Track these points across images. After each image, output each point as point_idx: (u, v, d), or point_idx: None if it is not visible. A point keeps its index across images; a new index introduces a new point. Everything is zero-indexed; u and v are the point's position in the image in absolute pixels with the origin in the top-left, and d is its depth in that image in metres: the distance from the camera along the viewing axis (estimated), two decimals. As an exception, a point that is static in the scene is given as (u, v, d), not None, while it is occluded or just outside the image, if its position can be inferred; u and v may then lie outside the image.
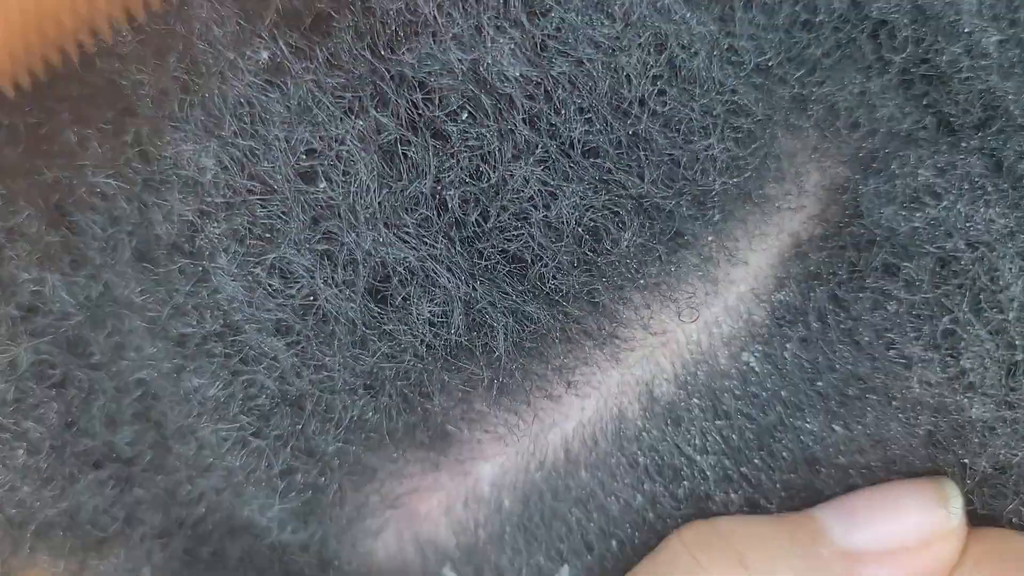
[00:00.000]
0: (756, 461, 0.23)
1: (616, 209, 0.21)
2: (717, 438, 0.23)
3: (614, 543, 0.24)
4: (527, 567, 0.24)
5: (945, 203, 0.21)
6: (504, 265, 0.21)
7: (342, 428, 0.22)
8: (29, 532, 0.24)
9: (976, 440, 0.22)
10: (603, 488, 0.23)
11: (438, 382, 0.22)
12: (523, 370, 0.22)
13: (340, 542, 0.24)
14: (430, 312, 0.21)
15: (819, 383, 0.22)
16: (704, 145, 0.20)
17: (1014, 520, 0.23)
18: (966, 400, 0.21)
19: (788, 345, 0.22)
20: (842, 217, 0.22)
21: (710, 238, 0.22)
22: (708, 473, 0.23)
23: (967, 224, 0.21)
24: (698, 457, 0.23)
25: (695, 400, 0.23)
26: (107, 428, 0.23)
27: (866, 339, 0.22)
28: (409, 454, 0.23)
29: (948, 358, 0.21)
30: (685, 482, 0.23)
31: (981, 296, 0.21)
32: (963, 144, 0.21)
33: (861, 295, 0.22)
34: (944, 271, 0.21)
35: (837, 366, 0.22)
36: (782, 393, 0.22)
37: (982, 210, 0.21)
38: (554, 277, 0.21)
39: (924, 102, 0.22)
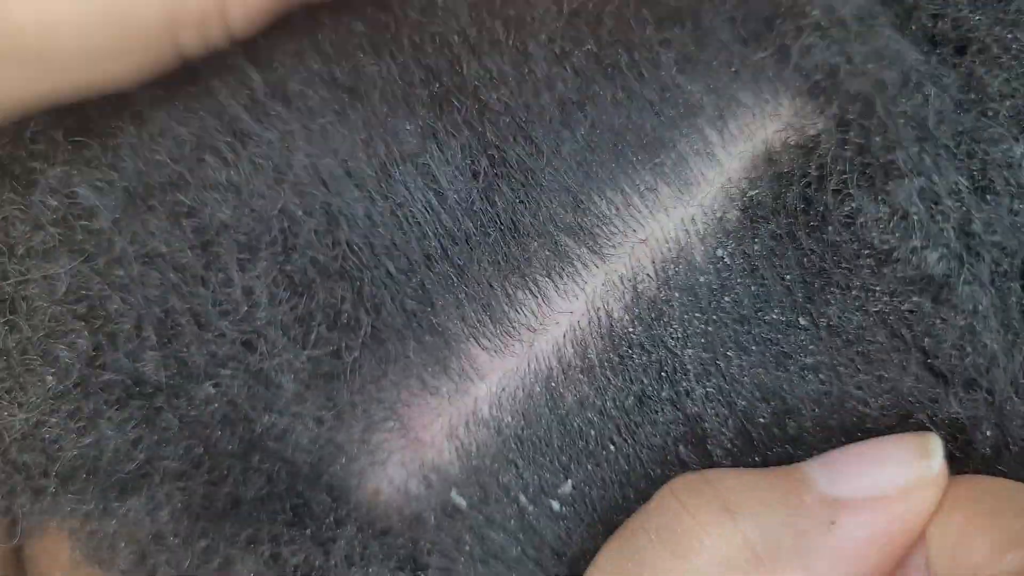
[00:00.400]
0: (730, 354, 0.24)
1: (599, 104, 0.23)
2: (696, 331, 0.24)
3: (612, 448, 0.24)
4: (531, 482, 0.25)
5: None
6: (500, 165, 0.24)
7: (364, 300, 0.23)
8: (52, 476, 0.24)
9: (928, 321, 0.23)
10: (597, 392, 0.24)
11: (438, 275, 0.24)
12: (513, 266, 0.24)
13: (349, 477, 0.25)
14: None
15: (786, 277, 0.24)
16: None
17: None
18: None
19: (757, 241, 0.24)
20: (814, 123, 0.24)
21: (687, 138, 0.24)
22: (689, 367, 0.24)
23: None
24: (679, 350, 0.24)
25: (675, 294, 0.24)
26: (130, 356, 0.24)
27: (832, 233, 0.23)
28: (410, 372, 0.24)
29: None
30: (667, 377, 0.24)
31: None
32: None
33: (826, 192, 0.24)
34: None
35: (804, 260, 0.24)
36: (752, 287, 0.24)
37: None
38: (543, 170, 0.24)
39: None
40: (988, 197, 0.23)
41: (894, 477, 0.23)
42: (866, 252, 0.23)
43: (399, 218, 0.24)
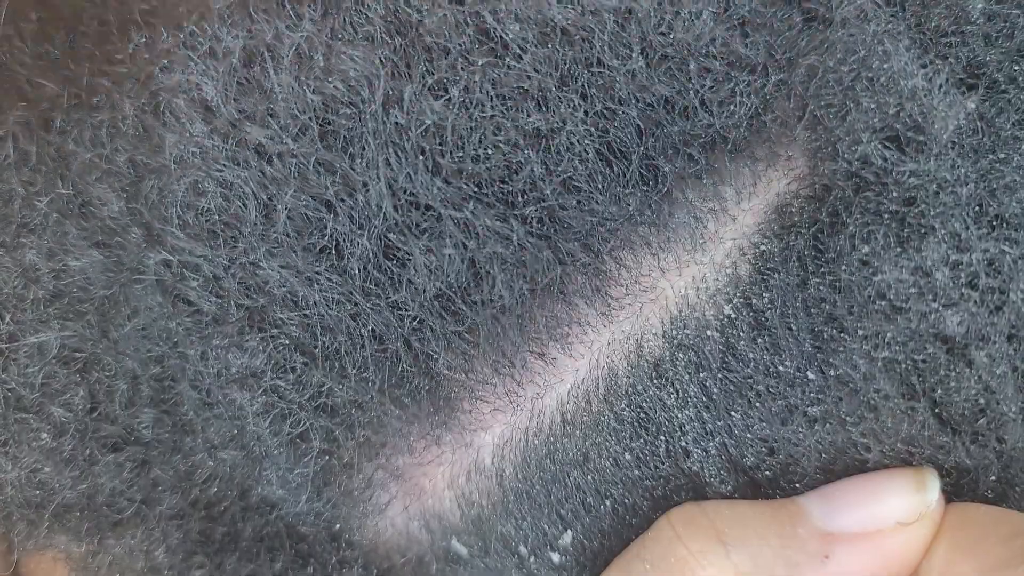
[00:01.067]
0: (734, 413, 0.24)
1: (612, 168, 0.22)
2: (698, 390, 0.24)
3: (608, 503, 0.25)
4: (531, 534, 0.25)
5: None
6: (503, 220, 0.22)
7: (353, 381, 0.23)
8: (47, 513, 0.24)
9: (942, 373, 0.23)
10: (596, 448, 0.24)
11: (440, 328, 0.23)
12: (519, 328, 0.23)
13: (349, 518, 0.25)
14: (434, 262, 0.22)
15: (793, 326, 0.23)
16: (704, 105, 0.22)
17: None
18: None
19: (767, 292, 0.23)
20: (824, 173, 0.23)
21: (701, 197, 0.23)
22: (687, 427, 0.24)
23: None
24: (677, 411, 0.24)
25: (680, 354, 0.24)
26: (127, 412, 0.24)
27: (845, 276, 0.23)
28: (413, 428, 0.24)
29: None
30: (664, 437, 0.24)
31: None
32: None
33: (840, 237, 0.23)
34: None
35: (813, 308, 0.23)
36: (759, 340, 0.24)
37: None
38: (553, 231, 0.23)
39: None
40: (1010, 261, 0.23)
41: (890, 511, 0.23)
42: (880, 299, 0.23)
43: (400, 281, 0.23)
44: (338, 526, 0.25)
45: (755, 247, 0.23)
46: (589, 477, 0.24)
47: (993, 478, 0.24)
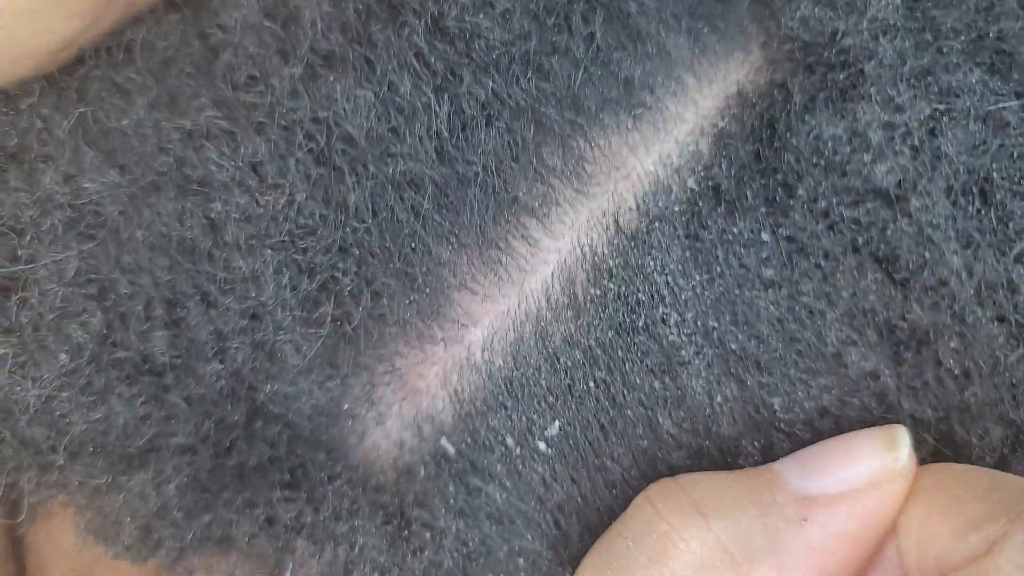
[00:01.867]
0: (701, 277, 0.26)
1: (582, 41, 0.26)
2: (671, 258, 0.25)
3: (593, 385, 0.26)
4: (519, 424, 0.26)
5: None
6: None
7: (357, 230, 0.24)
8: (60, 451, 0.25)
9: (882, 226, 0.25)
10: (580, 328, 0.26)
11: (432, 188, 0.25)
12: (501, 203, 0.25)
13: (350, 433, 0.25)
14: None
15: (748, 193, 0.26)
16: None
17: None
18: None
19: (724, 163, 0.26)
20: (774, 59, 0.27)
21: (663, 82, 0.26)
22: (664, 293, 0.25)
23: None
24: (656, 277, 0.25)
25: (655, 224, 0.26)
26: (141, 335, 0.25)
27: (792, 143, 0.25)
28: (407, 324, 0.25)
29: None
30: (643, 305, 0.26)
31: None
32: None
33: (788, 108, 0.26)
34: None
35: (765, 178, 0.26)
36: (718, 207, 0.26)
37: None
38: (530, 113, 0.25)
39: None
40: (945, 120, 0.25)
41: (863, 471, 0.24)
42: (824, 164, 0.25)
43: (387, 167, 0.25)
44: (337, 438, 0.25)
45: (714, 127, 0.26)
46: (575, 360, 0.25)
47: (953, 345, 0.25)
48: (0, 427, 0.25)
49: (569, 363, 0.25)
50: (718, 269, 0.25)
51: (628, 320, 0.25)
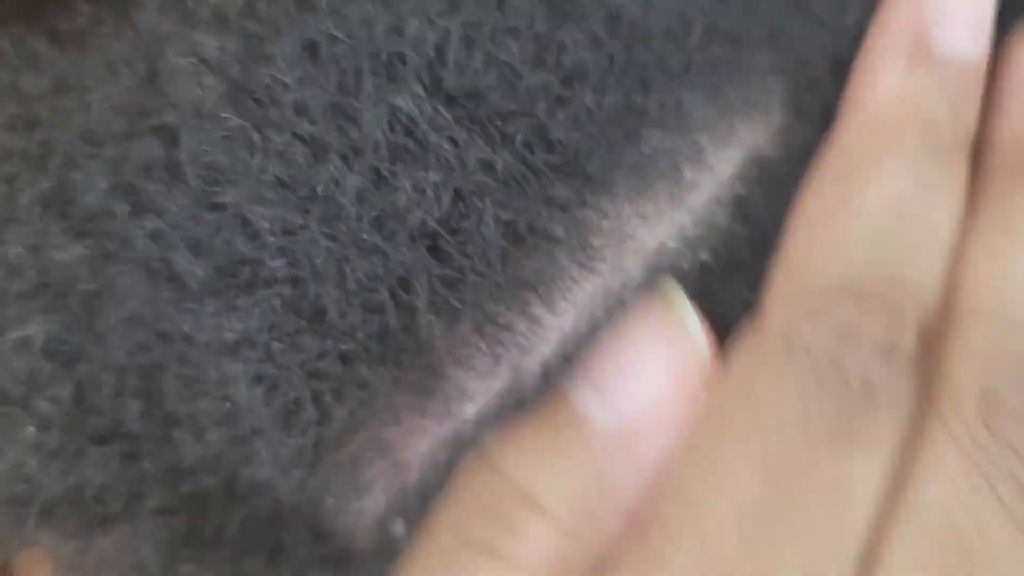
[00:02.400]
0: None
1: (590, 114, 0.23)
2: None
3: None
4: None
5: None
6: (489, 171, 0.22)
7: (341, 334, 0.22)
8: (34, 510, 0.24)
9: None
10: None
11: (426, 283, 0.22)
12: (501, 282, 0.23)
13: (334, 503, 0.24)
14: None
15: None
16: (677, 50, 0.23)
17: None
18: None
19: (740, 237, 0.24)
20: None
21: (679, 144, 0.23)
22: None
23: None
24: None
25: None
26: (114, 403, 0.23)
27: None
28: (398, 398, 0.24)
29: None
30: None
31: None
32: None
33: None
34: None
35: None
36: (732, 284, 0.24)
37: None
38: (538, 181, 0.23)
39: None
40: None
41: (665, 376, 0.22)
42: None
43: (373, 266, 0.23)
44: (322, 513, 0.24)
45: (732, 193, 0.24)
46: None
47: None
48: None
49: None
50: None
51: None
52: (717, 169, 0.24)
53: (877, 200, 0.21)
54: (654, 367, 0.22)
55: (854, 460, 0.20)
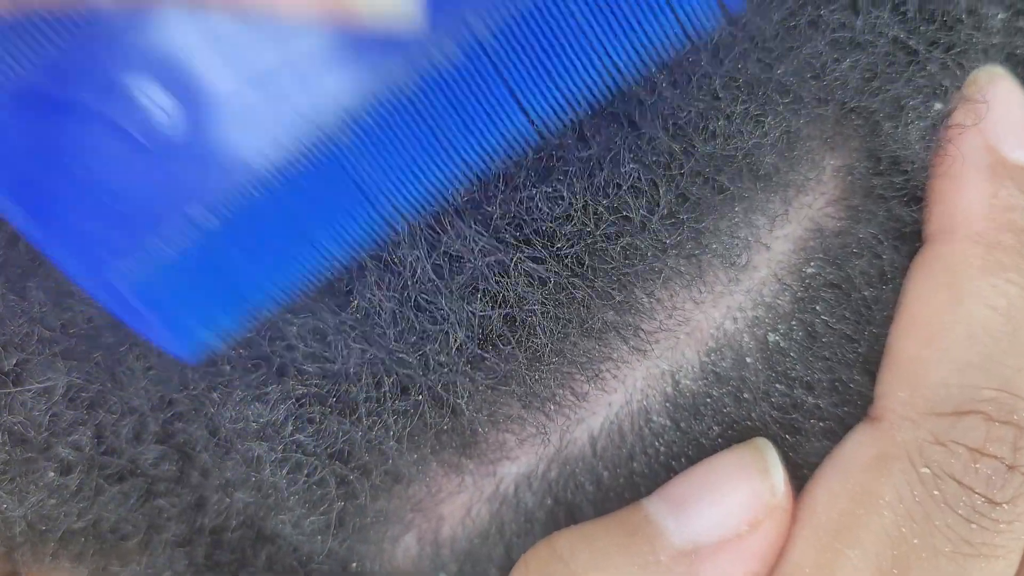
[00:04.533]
0: (784, 435, 0.24)
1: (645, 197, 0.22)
2: (735, 426, 0.24)
3: None
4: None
5: None
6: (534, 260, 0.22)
7: (376, 431, 0.22)
8: (52, 540, 0.25)
9: None
10: (620, 482, 0.24)
11: (468, 381, 0.22)
12: (551, 367, 0.23)
13: (364, 549, 0.25)
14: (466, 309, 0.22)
15: (860, 344, 0.24)
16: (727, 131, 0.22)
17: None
18: None
19: (818, 316, 0.23)
20: (856, 192, 0.24)
21: (732, 227, 0.23)
22: None
23: None
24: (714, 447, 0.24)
25: (717, 389, 0.24)
26: (132, 446, 0.24)
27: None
28: (436, 459, 0.24)
29: None
30: None
31: None
32: None
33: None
34: None
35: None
36: (817, 364, 0.23)
37: None
38: (585, 265, 0.22)
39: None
40: None
41: (741, 507, 0.23)
42: None
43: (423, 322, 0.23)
44: (354, 564, 0.25)
45: (793, 274, 0.23)
46: (606, 509, 0.24)
47: None
48: None
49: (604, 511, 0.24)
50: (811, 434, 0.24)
51: None
52: (773, 247, 0.23)
53: (991, 315, 0.22)
54: (734, 499, 0.22)
55: (976, 570, 0.22)
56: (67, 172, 0.20)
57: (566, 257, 0.22)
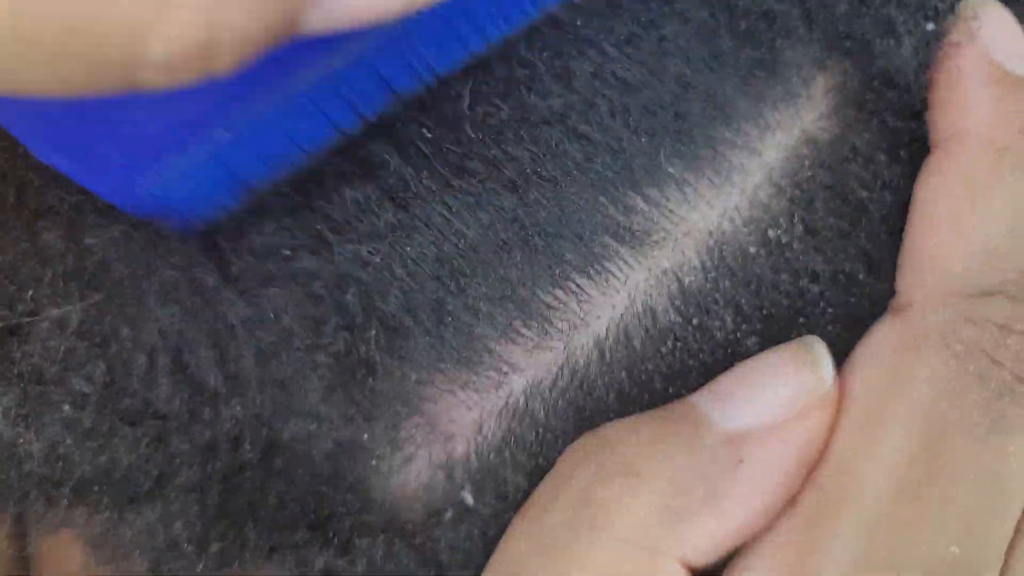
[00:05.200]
0: (797, 322, 0.24)
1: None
2: (753, 318, 0.24)
3: None
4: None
5: None
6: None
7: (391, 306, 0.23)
8: (67, 488, 0.24)
9: None
10: (638, 386, 0.24)
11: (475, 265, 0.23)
12: (549, 268, 0.24)
13: (374, 476, 0.25)
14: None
15: (858, 239, 0.24)
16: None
17: None
18: None
19: (815, 214, 0.24)
20: (849, 106, 0.25)
21: (722, 133, 0.24)
22: (749, 349, 0.24)
23: None
24: (733, 336, 0.24)
25: (724, 283, 0.24)
26: (145, 385, 0.24)
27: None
28: (443, 368, 0.24)
29: None
30: (717, 369, 0.24)
31: None
32: None
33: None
34: None
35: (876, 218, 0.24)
36: (818, 257, 0.24)
37: None
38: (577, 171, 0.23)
39: None
40: None
41: (788, 397, 0.23)
42: None
43: (419, 226, 0.24)
44: (362, 477, 0.25)
45: (788, 175, 0.24)
46: (625, 412, 0.24)
47: None
48: (5, 466, 0.25)
49: (623, 415, 0.24)
50: (824, 318, 0.24)
51: (697, 383, 0.24)
52: (765, 154, 0.24)
53: (1005, 208, 0.24)
54: (782, 389, 0.23)
55: (1009, 448, 0.22)
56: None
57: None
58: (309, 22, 0.17)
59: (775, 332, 0.24)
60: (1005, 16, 0.26)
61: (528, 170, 0.23)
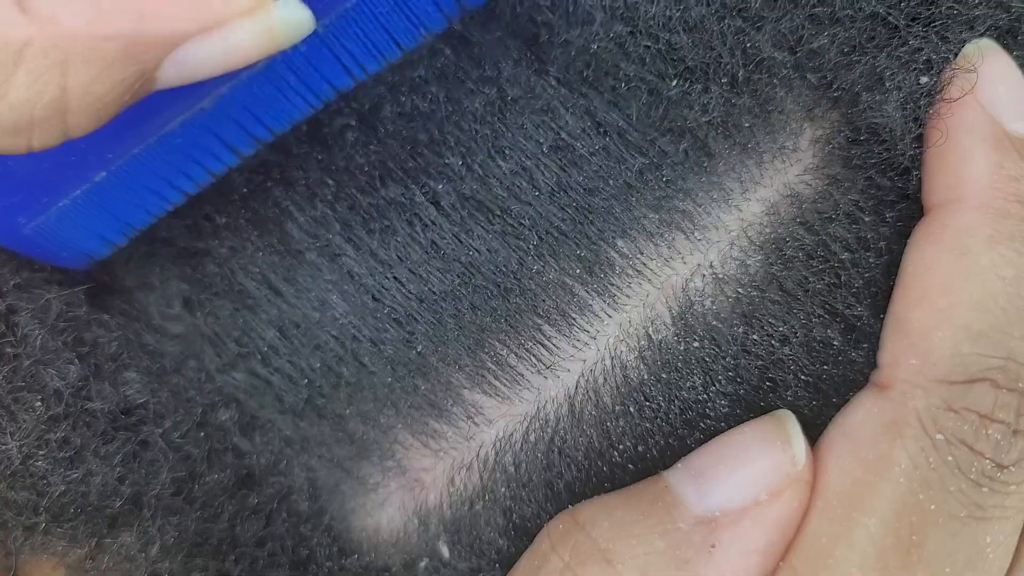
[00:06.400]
0: (765, 385, 0.24)
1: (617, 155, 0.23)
2: (721, 379, 0.23)
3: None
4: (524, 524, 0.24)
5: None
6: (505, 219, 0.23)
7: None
8: (43, 513, 0.24)
9: None
10: (606, 439, 0.24)
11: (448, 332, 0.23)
12: (520, 320, 0.23)
13: (350, 517, 0.25)
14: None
15: (835, 303, 0.24)
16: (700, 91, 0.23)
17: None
18: None
19: (790, 276, 0.23)
20: (835, 161, 0.24)
21: (702, 185, 0.23)
22: (719, 409, 0.24)
23: None
24: (702, 395, 0.24)
25: (694, 342, 0.23)
26: (116, 387, 0.24)
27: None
28: (414, 421, 0.24)
29: None
30: (688, 422, 0.24)
31: None
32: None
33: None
34: None
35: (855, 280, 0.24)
36: (792, 319, 0.23)
37: None
38: (559, 219, 0.23)
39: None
40: None
41: (761, 477, 0.22)
42: None
43: (384, 276, 0.24)
44: (337, 518, 0.24)
45: (764, 233, 0.24)
46: (597, 469, 0.24)
47: None
48: None
49: (584, 472, 0.24)
50: (791, 381, 0.24)
51: (656, 438, 0.24)
52: (745, 208, 0.24)
53: (1000, 285, 0.23)
54: (755, 468, 0.22)
55: (986, 538, 0.22)
56: None
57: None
58: (166, 76, 0.18)
59: (746, 394, 0.23)
60: (1009, 67, 0.24)
61: (499, 218, 0.23)
